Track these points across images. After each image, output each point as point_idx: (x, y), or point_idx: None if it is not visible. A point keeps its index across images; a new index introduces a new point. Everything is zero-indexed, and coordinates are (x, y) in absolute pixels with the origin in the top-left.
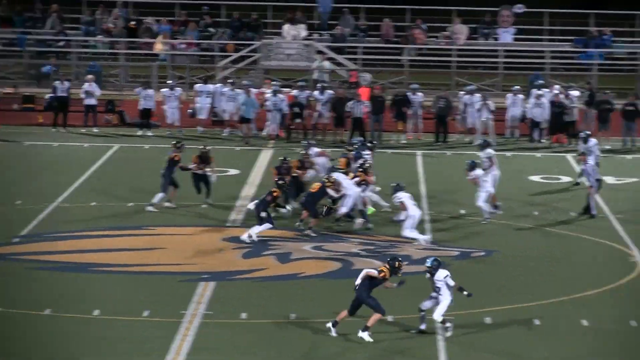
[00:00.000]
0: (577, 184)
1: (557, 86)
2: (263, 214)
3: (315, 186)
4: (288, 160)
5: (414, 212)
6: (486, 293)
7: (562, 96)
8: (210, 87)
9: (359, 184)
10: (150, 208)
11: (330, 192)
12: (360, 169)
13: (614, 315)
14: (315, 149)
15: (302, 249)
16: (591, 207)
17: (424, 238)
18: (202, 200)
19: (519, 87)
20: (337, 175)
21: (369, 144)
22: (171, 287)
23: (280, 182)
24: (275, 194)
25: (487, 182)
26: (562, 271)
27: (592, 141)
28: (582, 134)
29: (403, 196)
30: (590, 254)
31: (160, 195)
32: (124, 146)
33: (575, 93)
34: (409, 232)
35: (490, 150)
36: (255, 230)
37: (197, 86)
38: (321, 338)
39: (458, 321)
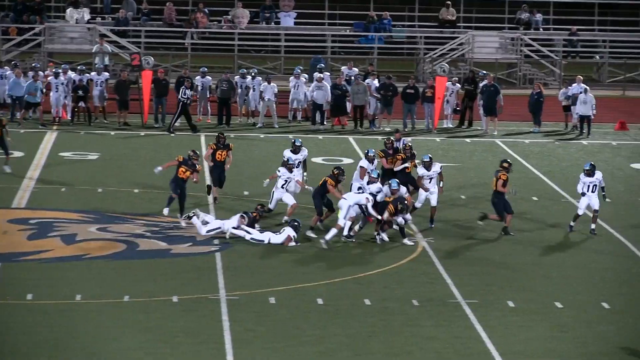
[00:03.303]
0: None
1: (344, 67)
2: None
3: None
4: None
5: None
6: (270, 273)
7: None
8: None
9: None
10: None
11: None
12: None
13: (396, 295)
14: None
15: (87, 231)
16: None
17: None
18: None
19: (300, 70)
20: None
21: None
22: None
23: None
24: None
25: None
26: (346, 252)
27: (599, 173)
28: (586, 166)
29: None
30: (373, 234)
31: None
32: None
33: (375, 81)
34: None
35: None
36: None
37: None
38: (106, 318)
39: (242, 301)
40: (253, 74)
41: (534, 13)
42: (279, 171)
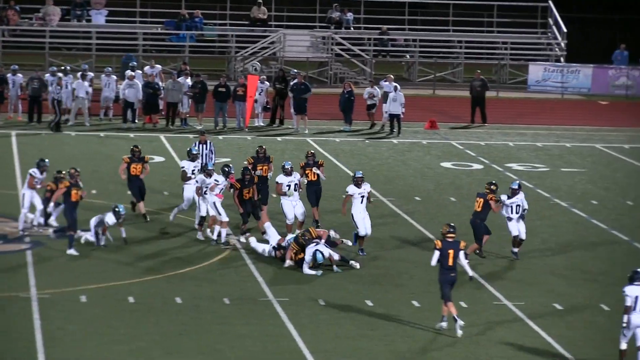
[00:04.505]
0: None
1: (147, 67)
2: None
3: None
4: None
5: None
6: (82, 271)
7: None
8: None
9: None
10: None
11: None
12: None
13: (207, 293)
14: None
15: None
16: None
17: None
18: None
19: (111, 68)
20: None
21: None
22: None
23: None
24: None
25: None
26: (158, 250)
27: (521, 194)
28: (514, 185)
29: None
30: (184, 232)
31: None
32: None
33: (188, 80)
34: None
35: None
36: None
37: None
38: None
39: (54, 299)
40: (68, 69)
41: (345, 12)
42: (217, 181)
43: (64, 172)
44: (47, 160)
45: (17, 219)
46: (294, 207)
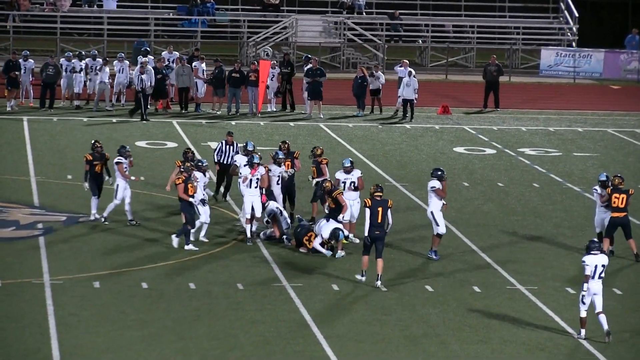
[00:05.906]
0: None
1: (164, 52)
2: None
3: None
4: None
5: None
6: (95, 257)
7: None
8: None
9: None
10: None
11: None
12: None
13: (220, 278)
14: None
15: None
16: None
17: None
18: None
19: (123, 54)
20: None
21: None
22: None
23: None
24: None
25: None
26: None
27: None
28: (603, 176)
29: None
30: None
31: None
32: None
33: (203, 65)
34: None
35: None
36: None
37: None
38: None
39: (67, 285)
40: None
41: None
42: (269, 169)
43: (187, 163)
44: (128, 147)
45: (30, 205)
46: (350, 206)
